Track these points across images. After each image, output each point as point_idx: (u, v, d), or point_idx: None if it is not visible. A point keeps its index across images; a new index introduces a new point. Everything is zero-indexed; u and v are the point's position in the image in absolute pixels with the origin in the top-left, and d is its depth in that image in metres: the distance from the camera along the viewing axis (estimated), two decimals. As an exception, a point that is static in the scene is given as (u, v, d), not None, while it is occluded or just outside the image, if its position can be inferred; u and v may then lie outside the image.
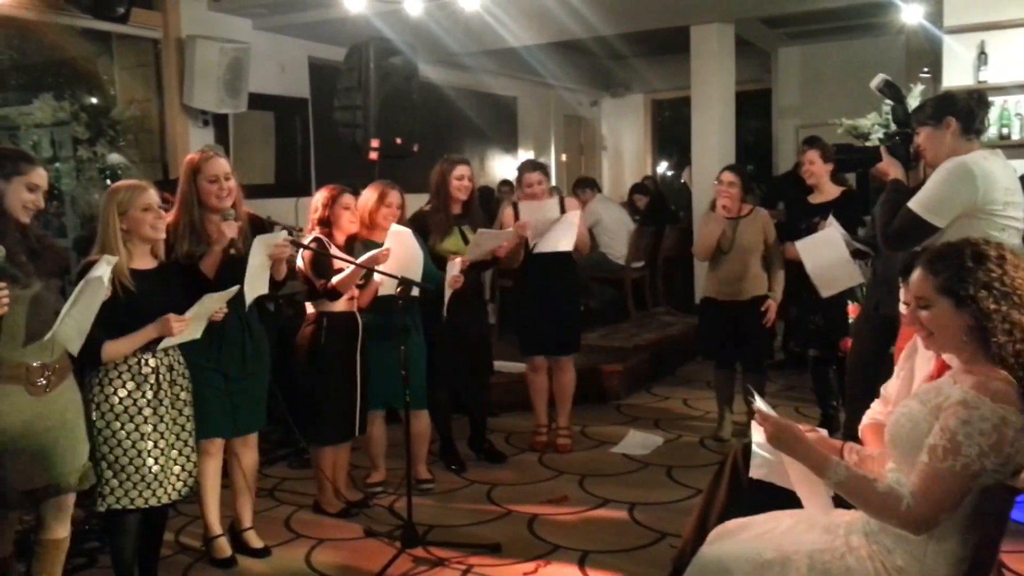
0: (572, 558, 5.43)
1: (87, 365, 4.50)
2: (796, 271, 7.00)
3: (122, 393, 4.59)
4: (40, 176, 4.20)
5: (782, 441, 3.26)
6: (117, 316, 4.40)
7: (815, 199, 7.23)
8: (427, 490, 6.60)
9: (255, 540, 5.64)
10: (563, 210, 7.09)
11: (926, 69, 10.41)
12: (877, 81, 5.88)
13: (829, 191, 7.16)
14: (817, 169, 7.20)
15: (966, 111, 4.79)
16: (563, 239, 6.98)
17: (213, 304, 4.77)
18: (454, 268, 6.28)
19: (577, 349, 7.51)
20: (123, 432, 4.58)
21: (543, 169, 7.31)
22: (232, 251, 5.11)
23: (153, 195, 4.72)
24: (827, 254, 6.47)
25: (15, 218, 4.12)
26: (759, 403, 3.33)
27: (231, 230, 5.09)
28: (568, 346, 7.40)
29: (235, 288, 4.88)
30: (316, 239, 5.80)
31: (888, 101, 7.26)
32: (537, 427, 7.52)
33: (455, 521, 6.09)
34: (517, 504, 6.36)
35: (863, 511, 3.13)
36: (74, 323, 4.09)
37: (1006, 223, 4.62)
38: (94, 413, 4.54)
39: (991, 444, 2.88)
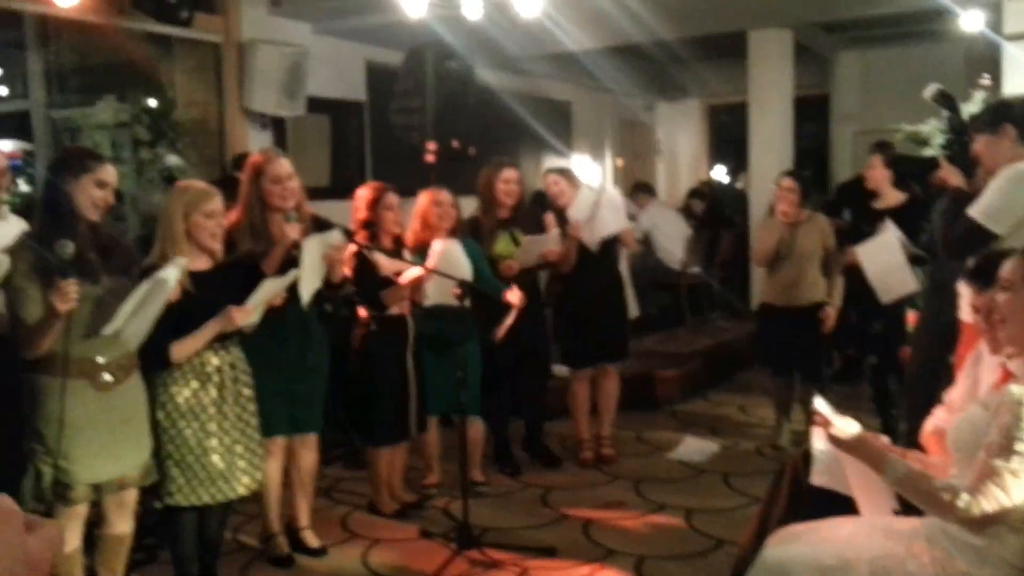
0: (628, 563, 5.43)
1: (155, 368, 4.55)
2: (857, 277, 6.95)
3: (187, 392, 4.63)
4: (109, 173, 4.26)
5: (842, 440, 3.24)
6: (178, 318, 4.45)
7: (878, 204, 7.19)
8: (482, 493, 6.62)
9: (312, 539, 5.69)
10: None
11: (986, 76, 10.32)
12: (931, 91, 5.85)
13: (892, 197, 7.11)
14: (877, 174, 7.17)
15: (1021, 118, 4.76)
16: (613, 218, 6.97)
17: (272, 289, 4.81)
18: (514, 296, 6.31)
19: (623, 357, 7.47)
20: (188, 430, 4.63)
21: (559, 171, 7.35)
22: (294, 252, 5.14)
23: (219, 202, 4.75)
24: (885, 259, 6.42)
25: (85, 216, 4.17)
26: (819, 403, 3.32)
27: (294, 231, 5.13)
28: (613, 354, 7.36)
29: (294, 272, 4.93)
30: (358, 244, 5.81)
31: (943, 110, 7.24)
32: (580, 441, 7.46)
33: (510, 524, 6.11)
34: (572, 508, 6.37)
35: (921, 508, 3.12)
36: (139, 321, 4.14)
37: None
38: (159, 412, 4.59)
39: None
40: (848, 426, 3.28)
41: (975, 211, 4.70)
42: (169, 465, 4.63)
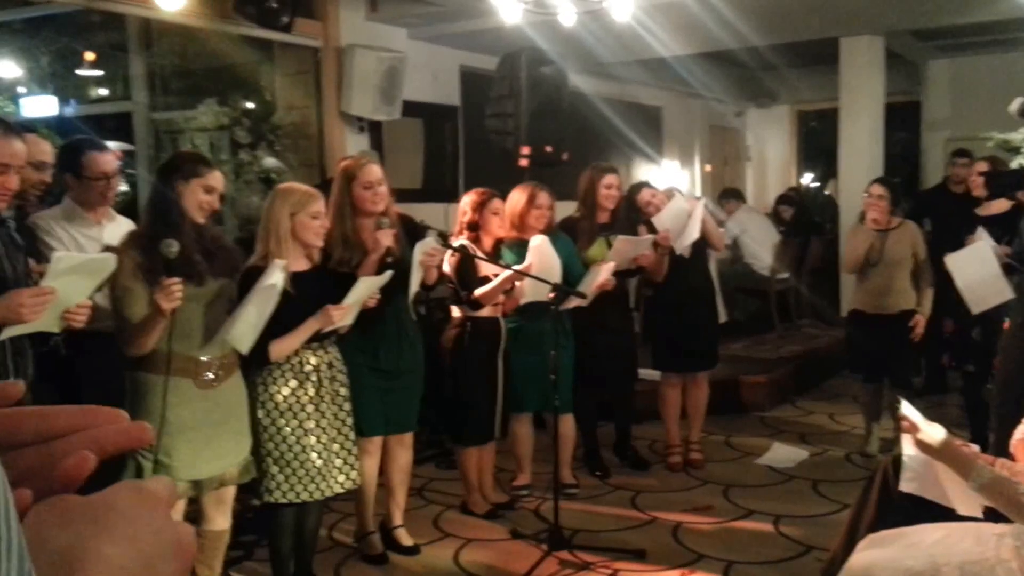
0: (717, 568, 5.46)
1: (255, 365, 4.64)
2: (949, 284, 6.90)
3: (285, 391, 4.72)
4: (216, 179, 4.38)
5: (929, 445, 3.25)
6: (279, 317, 4.52)
7: (985, 211, 7.12)
8: (572, 494, 6.66)
9: (405, 538, 5.78)
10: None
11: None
12: (1019, 105, 5.75)
13: (999, 204, 7.05)
14: (982, 181, 7.11)
15: None
16: (692, 232, 6.94)
17: (368, 288, 4.87)
18: (599, 275, 6.30)
19: (713, 365, 7.50)
20: (287, 428, 4.71)
21: (653, 187, 7.36)
22: (389, 259, 5.19)
23: (322, 204, 4.84)
24: (977, 269, 6.33)
25: (191, 218, 4.28)
26: (906, 408, 3.33)
27: (387, 238, 5.17)
28: (703, 362, 7.39)
29: (389, 273, 4.98)
30: (461, 246, 5.87)
31: (1018, 136, 7.11)
32: (670, 447, 7.48)
33: (600, 526, 6.15)
34: (661, 511, 6.40)
35: (1006, 513, 3.12)
36: (248, 327, 4.25)
37: None
38: (259, 411, 4.68)
39: None
40: (935, 432, 3.28)
41: None
42: (269, 463, 4.72)
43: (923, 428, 3.26)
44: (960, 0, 9.30)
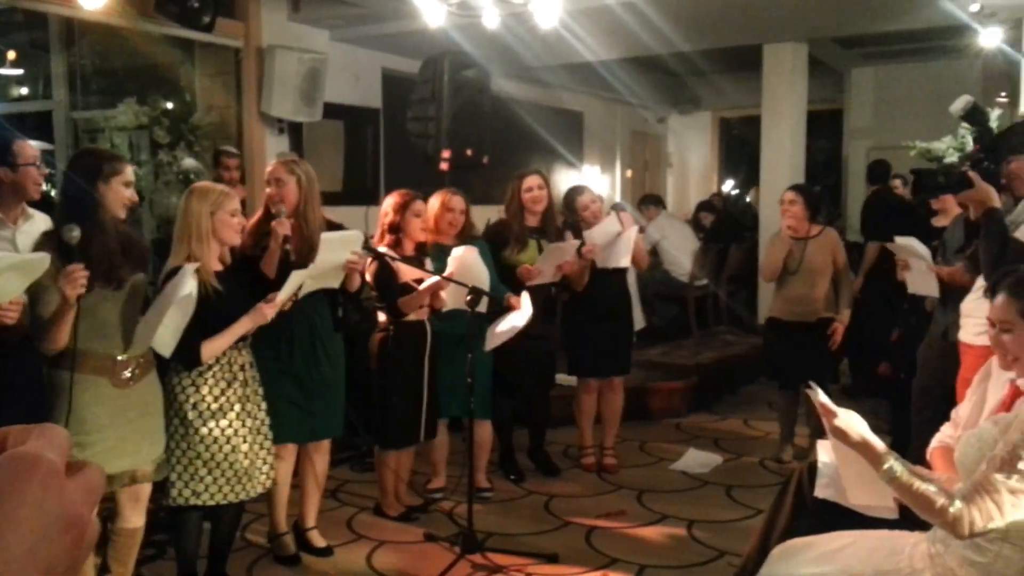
0: (630, 571, 5.49)
1: (185, 367, 4.64)
2: (908, 297, 6.92)
3: (216, 392, 4.72)
4: (131, 173, 4.41)
5: (843, 432, 3.26)
6: (204, 317, 4.52)
7: (941, 222, 7.14)
8: (486, 498, 6.68)
9: (318, 539, 5.77)
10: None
11: (1004, 94, 10.37)
12: (963, 104, 5.76)
13: (953, 213, 7.09)
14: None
15: None
16: (623, 255, 7.02)
17: (299, 280, 4.89)
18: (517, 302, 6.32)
19: (627, 371, 7.54)
20: (218, 429, 4.71)
21: (592, 192, 7.40)
22: (287, 246, 5.19)
23: (238, 202, 4.86)
24: (916, 259, 6.31)
25: (115, 215, 4.28)
26: (822, 397, 3.35)
27: (281, 228, 5.17)
28: (618, 368, 7.43)
29: (321, 261, 5.01)
30: (378, 253, 5.85)
31: (966, 125, 7.16)
32: (584, 448, 7.55)
33: (513, 530, 6.16)
34: (575, 516, 6.42)
35: (913, 509, 3.14)
36: (170, 333, 4.25)
37: None
38: (190, 412, 4.66)
39: None
40: (850, 418, 3.29)
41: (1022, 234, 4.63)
42: (198, 465, 4.70)
43: (839, 414, 3.27)
44: (884, 8, 9.41)
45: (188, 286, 4.24)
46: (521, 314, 6.07)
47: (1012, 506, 2.93)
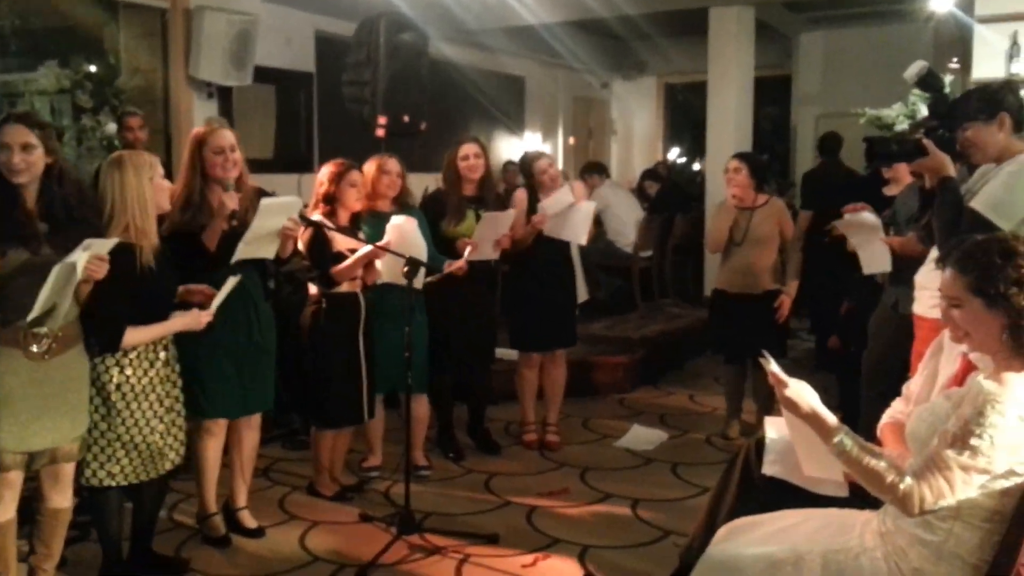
0: (572, 552, 5.46)
1: (104, 348, 4.54)
2: (849, 266, 6.91)
3: (139, 373, 4.66)
4: (8, 133, 4.19)
5: (794, 403, 3.23)
6: (143, 296, 4.51)
7: (892, 191, 7.12)
8: (424, 477, 6.63)
9: (249, 520, 5.70)
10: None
11: (955, 59, 10.41)
12: (917, 69, 5.70)
13: (905, 182, 7.06)
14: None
15: (1018, 106, 4.62)
16: (579, 230, 6.98)
17: (233, 286, 4.85)
18: (465, 254, 6.31)
19: (572, 343, 7.51)
20: (139, 411, 4.66)
21: (550, 156, 7.35)
22: (234, 223, 5.15)
23: (160, 167, 4.78)
24: (866, 232, 6.29)
25: (10, 181, 4.17)
26: (773, 367, 3.31)
27: (232, 201, 5.13)
28: (562, 340, 7.39)
29: (257, 227, 4.97)
30: (313, 221, 5.79)
31: (921, 91, 7.12)
32: (525, 424, 7.50)
33: (452, 509, 6.13)
34: (516, 495, 6.39)
35: (862, 483, 3.12)
36: (46, 298, 4.11)
37: None
38: (114, 394, 4.60)
39: (1006, 440, 2.90)
40: (802, 389, 3.26)
41: (980, 204, 4.57)
42: (116, 447, 4.65)
43: (790, 384, 3.23)
44: (833, -30, 9.44)
45: (75, 255, 4.08)
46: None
47: (963, 483, 2.92)
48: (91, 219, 4.47)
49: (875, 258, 6.10)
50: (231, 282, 4.81)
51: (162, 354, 4.76)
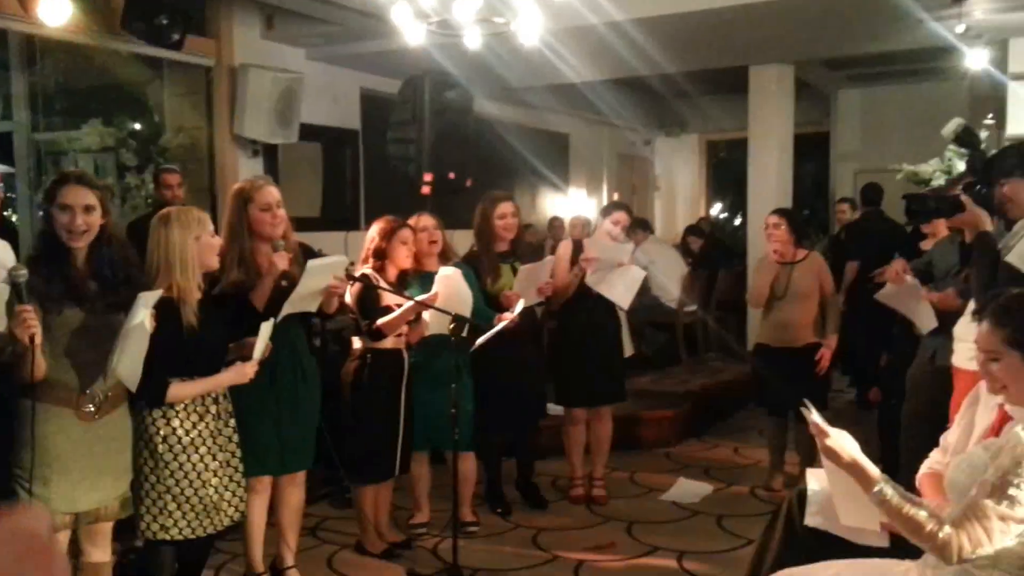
0: (620, 605, 5.49)
1: (148, 403, 4.58)
2: (899, 321, 6.94)
3: (187, 425, 4.66)
4: (73, 194, 4.25)
5: (835, 452, 3.26)
6: (182, 350, 4.52)
7: (928, 246, 7.16)
8: (471, 533, 6.66)
9: (298, 579, 5.71)
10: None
11: (990, 116, 10.43)
12: (955, 126, 5.73)
13: (941, 235, 7.09)
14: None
15: None
16: (622, 291, 7.05)
17: (269, 331, 4.83)
18: (516, 308, 6.34)
19: (620, 399, 7.54)
20: (189, 463, 4.66)
21: (630, 211, 7.39)
22: (284, 283, 5.18)
23: (210, 224, 4.84)
24: (907, 293, 6.29)
25: (65, 243, 4.25)
26: (815, 416, 3.35)
27: (283, 261, 5.14)
28: (609, 396, 7.42)
29: (303, 288, 5.02)
30: (363, 275, 5.86)
31: (957, 148, 7.13)
32: (573, 480, 7.54)
33: (500, 565, 6.15)
34: (563, 550, 6.40)
35: (902, 532, 3.16)
36: (129, 362, 4.20)
37: None
38: (160, 446, 4.61)
39: None
40: (843, 439, 3.30)
41: (1016, 259, 4.58)
42: (167, 500, 4.65)
43: (831, 434, 3.27)
44: (869, 30, 9.48)
45: (139, 315, 4.17)
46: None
47: (1000, 532, 2.97)
48: (137, 278, 4.52)
49: (923, 316, 6.11)
50: (265, 328, 4.79)
51: (212, 408, 4.77)
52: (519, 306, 6.32)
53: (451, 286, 6.01)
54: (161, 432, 4.62)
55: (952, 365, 5.46)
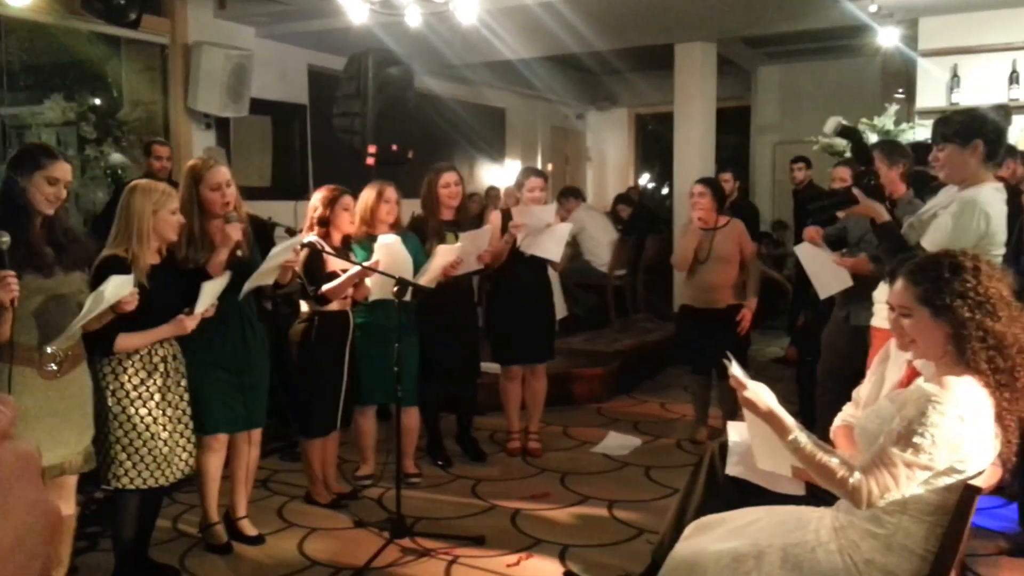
0: (553, 551, 5.49)
1: (97, 352, 4.59)
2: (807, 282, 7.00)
3: (136, 380, 4.68)
4: (61, 169, 4.26)
5: (753, 403, 3.29)
6: (135, 310, 4.48)
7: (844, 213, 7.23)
8: (414, 484, 6.65)
9: (249, 528, 5.70)
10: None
11: (901, 91, 10.52)
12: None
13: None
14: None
15: (994, 135, 4.60)
16: (553, 248, 7.02)
17: (212, 293, 4.84)
18: (435, 259, 6.29)
19: (551, 357, 7.54)
20: (137, 416, 4.68)
21: (544, 176, 7.38)
22: (238, 252, 5.20)
23: (177, 202, 4.86)
24: (819, 257, 6.33)
25: (39, 211, 4.20)
26: (735, 369, 3.36)
27: (235, 232, 5.13)
28: (542, 354, 7.43)
29: (227, 275, 4.97)
30: (309, 242, 5.83)
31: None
32: (510, 433, 7.53)
33: (441, 514, 6.15)
34: (501, 499, 6.42)
35: (815, 478, 3.18)
36: (74, 329, 4.17)
37: (995, 257, 4.53)
38: (109, 399, 4.63)
39: (946, 439, 2.96)
40: (760, 390, 3.32)
41: (928, 244, 4.48)
42: (117, 449, 4.67)
43: (749, 385, 3.29)
44: (787, 9, 9.52)
45: (109, 289, 4.18)
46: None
47: (907, 478, 2.99)
48: (83, 239, 4.57)
49: (834, 280, 6.14)
50: (208, 287, 4.80)
51: (161, 365, 4.79)
52: (440, 256, 6.30)
53: (391, 253, 5.99)
54: (110, 386, 4.65)
55: (871, 326, 5.51)
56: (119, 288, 4.27)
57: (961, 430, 2.97)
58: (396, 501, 5.68)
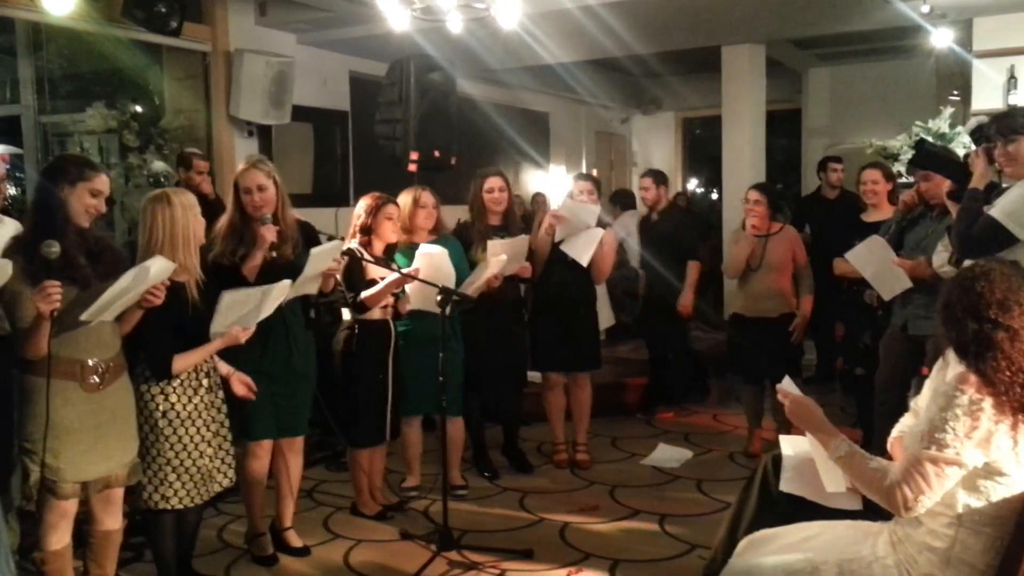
0: (603, 566, 5.50)
1: (157, 377, 4.62)
2: (845, 289, 6.99)
3: (184, 399, 4.70)
4: (103, 182, 4.35)
5: (799, 415, 3.30)
6: (183, 327, 4.59)
7: (871, 217, 7.23)
8: (461, 495, 6.67)
9: (295, 539, 5.75)
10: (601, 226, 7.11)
11: (955, 92, 10.45)
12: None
13: (886, 210, 7.13)
14: (880, 188, 7.26)
15: None
16: (583, 250, 7.00)
17: (273, 304, 4.93)
18: (482, 273, 6.29)
19: (596, 367, 7.50)
20: (187, 436, 4.71)
21: (592, 180, 7.39)
22: (274, 254, 5.29)
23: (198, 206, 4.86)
24: (876, 260, 6.27)
25: (76, 222, 4.24)
26: (786, 383, 3.38)
27: (270, 233, 5.23)
28: (585, 363, 7.40)
29: (287, 283, 4.99)
30: (348, 250, 5.86)
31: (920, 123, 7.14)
32: (556, 444, 7.55)
33: (488, 527, 6.17)
34: (549, 512, 6.43)
35: (857, 486, 3.20)
36: (114, 307, 4.17)
37: None
38: (160, 420, 4.64)
39: (966, 430, 2.97)
40: (806, 405, 3.33)
41: (998, 212, 4.60)
42: (168, 471, 4.68)
43: (795, 400, 3.31)
44: (838, 10, 9.47)
45: (151, 263, 4.19)
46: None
47: (937, 476, 3.01)
48: (114, 246, 4.64)
49: (895, 281, 6.09)
50: (264, 307, 4.87)
51: (205, 381, 4.81)
52: (488, 270, 6.32)
53: (432, 264, 6.02)
54: (160, 408, 4.66)
55: (930, 335, 5.48)
56: (162, 271, 4.28)
57: (987, 423, 2.96)
58: (443, 513, 5.70)
